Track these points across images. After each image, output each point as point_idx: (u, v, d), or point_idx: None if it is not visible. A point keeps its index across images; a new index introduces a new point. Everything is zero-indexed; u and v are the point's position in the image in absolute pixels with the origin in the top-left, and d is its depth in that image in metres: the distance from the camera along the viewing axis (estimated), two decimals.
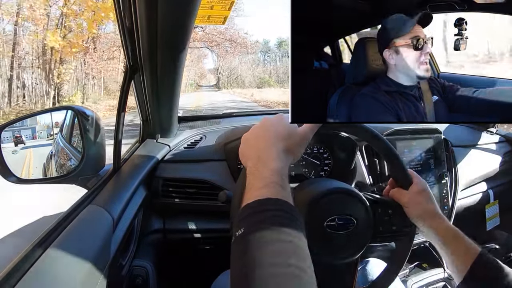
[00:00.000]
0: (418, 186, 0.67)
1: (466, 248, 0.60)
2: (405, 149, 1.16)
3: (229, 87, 30.90)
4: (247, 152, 0.55)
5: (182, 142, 1.19)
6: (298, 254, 0.38)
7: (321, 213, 0.63)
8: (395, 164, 0.69)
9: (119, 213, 0.75)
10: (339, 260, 0.65)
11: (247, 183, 0.48)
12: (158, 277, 1.00)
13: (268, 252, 0.37)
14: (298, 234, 0.40)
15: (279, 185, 0.46)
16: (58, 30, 10.60)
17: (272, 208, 0.42)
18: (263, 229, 0.39)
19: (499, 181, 1.42)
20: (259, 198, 0.43)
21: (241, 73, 32.11)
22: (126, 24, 0.79)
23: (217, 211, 1.02)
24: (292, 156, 0.54)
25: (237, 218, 0.43)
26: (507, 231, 1.56)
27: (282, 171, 0.49)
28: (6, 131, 0.79)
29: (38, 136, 0.86)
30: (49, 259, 0.54)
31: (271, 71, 32.53)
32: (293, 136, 0.54)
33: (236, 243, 0.40)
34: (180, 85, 1.00)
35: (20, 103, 10.78)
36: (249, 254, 0.37)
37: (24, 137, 0.83)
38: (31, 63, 11.33)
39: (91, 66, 12.93)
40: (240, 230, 0.40)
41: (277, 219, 0.41)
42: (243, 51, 21.87)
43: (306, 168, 1.10)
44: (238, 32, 20.55)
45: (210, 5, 0.85)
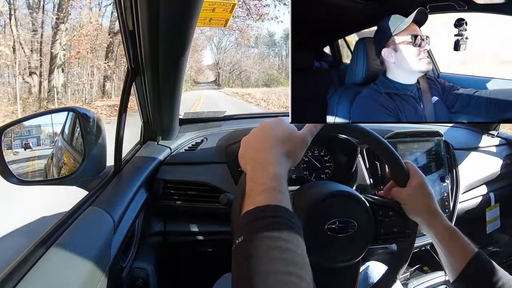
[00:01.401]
0: (416, 181, 0.67)
1: (463, 247, 0.60)
2: (406, 152, 1.16)
3: (231, 84, 27.85)
4: (247, 156, 0.55)
5: (183, 145, 1.19)
6: (296, 262, 0.38)
7: (321, 216, 0.63)
8: (390, 159, 0.68)
9: (120, 215, 0.75)
10: (340, 263, 0.65)
11: (246, 189, 0.48)
12: (159, 279, 0.99)
13: (267, 260, 0.37)
14: (297, 241, 0.41)
15: (278, 191, 0.46)
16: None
17: (271, 215, 0.42)
18: (262, 237, 0.39)
19: (500, 184, 1.42)
20: (258, 205, 0.43)
21: (245, 68, 28.91)
22: (128, 27, 0.80)
23: (218, 214, 1.02)
24: (292, 160, 0.54)
25: (237, 226, 0.43)
26: (508, 234, 1.55)
27: (281, 176, 0.49)
28: (16, 139, 0.82)
29: (42, 143, 0.87)
30: (49, 260, 0.54)
31: (279, 66, 29.57)
32: (293, 140, 0.54)
33: (236, 251, 0.40)
34: (181, 87, 1.00)
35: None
36: (249, 262, 0.37)
37: (31, 143, 0.85)
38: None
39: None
40: (240, 238, 0.40)
41: (276, 226, 0.41)
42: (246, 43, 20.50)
43: (307, 171, 1.10)
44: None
45: (211, 8, 0.85)
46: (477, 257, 0.58)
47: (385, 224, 0.68)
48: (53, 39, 11.22)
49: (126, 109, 0.88)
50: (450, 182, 1.20)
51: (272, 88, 24.10)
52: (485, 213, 1.39)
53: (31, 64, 10.97)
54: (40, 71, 11.12)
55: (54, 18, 11.03)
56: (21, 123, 0.85)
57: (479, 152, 1.39)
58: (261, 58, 30.79)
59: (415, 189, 0.66)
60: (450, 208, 1.17)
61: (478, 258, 0.58)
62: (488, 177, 1.37)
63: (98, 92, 14.20)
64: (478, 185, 1.35)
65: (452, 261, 0.61)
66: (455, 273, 0.59)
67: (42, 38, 11.32)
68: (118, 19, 0.79)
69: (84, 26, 11.82)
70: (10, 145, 0.81)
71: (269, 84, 26.39)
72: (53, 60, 11.18)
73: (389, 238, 0.69)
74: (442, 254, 0.63)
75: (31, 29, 11.10)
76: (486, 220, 1.39)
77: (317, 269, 0.66)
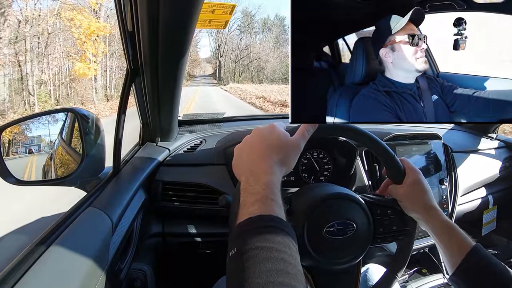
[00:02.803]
0: (412, 178, 0.67)
1: (460, 242, 0.60)
2: (405, 154, 1.16)
3: (236, 79, 19.84)
4: (240, 165, 0.55)
5: (182, 146, 1.19)
6: (289, 271, 0.38)
7: (320, 219, 0.63)
8: (385, 157, 0.68)
9: (118, 216, 0.75)
10: (340, 265, 0.65)
11: (240, 199, 0.49)
12: (157, 280, 0.99)
13: (260, 272, 0.37)
14: (290, 250, 0.41)
15: (271, 200, 0.46)
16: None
17: (264, 225, 0.43)
18: (255, 248, 0.40)
19: (499, 187, 1.42)
20: (251, 216, 0.44)
21: (258, 56, 20.99)
22: (128, 28, 0.80)
23: (216, 215, 1.02)
24: (285, 168, 0.54)
25: (230, 237, 0.44)
26: (506, 237, 1.55)
27: (274, 185, 0.49)
28: (23, 145, 0.84)
29: (42, 150, 0.89)
30: (48, 261, 0.54)
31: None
32: (286, 148, 0.54)
33: (229, 263, 0.41)
34: (180, 89, 1.00)
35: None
36: (242, 274, 0.38)
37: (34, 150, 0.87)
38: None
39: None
40: (233, 250, 0.41)
41: (269, 236, 0.41)
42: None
43: (306, 173, 1.10)
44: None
45: (211, 10, 0.85)
46: (474, 251, 0.58)
47: (384, 223, 0.68)
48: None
49: (125, 110, 0.88)
50: (449, 184, 1.20)
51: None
52: (483, 215, 1.39)
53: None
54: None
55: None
56: (20, 123, 0.85)
57: (478, 154, 1.39)
58: (278, 44, 23.09)
59: (412, 185, 0.66)
60: (449, 210, 1.17)
61: (475, 252, 0.58)
62: (487, 180, 1.37)
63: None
64: (477, 188, 1.35)
65: (450, 255, 0.61)
66: (453, 267, 0.59)
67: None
68: (117, 20, 0.79)
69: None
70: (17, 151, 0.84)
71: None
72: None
73: (389, 236, 0.69)
74: (440, 248, 0.64)
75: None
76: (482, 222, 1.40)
77: (317, 272, 0.66)
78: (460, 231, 0.62)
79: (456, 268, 0.58)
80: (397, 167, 0.68)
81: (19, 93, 11.94)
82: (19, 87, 11.99)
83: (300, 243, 0.59)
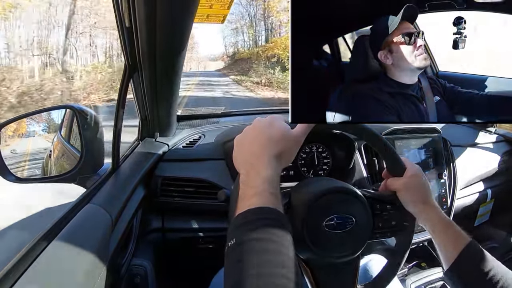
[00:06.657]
0: (412, 171, 0.67)
1: (456, 237, 0.61)
2: (404, 148, 1.16)
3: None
4: (240, 157, 0.55)
5: (181, 141, 1.19)
6: (286, 264, 0.39)
7: (319, 213, 0.63)
8: (386, 152, 0.68)
9: (118, 212, 0.75)
10: (339, 259, 0.65)
11: (240, 192, 0.49)
12: (157, 276, 1.00)
13: (258, 263, 0.38)
14: (287, 242, 0.42)
15: (270, 193, 0.47)
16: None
17: (262, 217, 0.43)
18: (253, 239, 0.40)
19: (498, 181, 1.43)
20: (249, 208, 0.44)
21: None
22: (125, 24, 0.79)
23: (216, 210, 1.02)
24: (285, 161, 0.54)
25: (229, 228, 0.44)
26: (504, 230, 1.56)
27: (273, 178, 0.49)
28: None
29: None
30: (48, 257, 0.54)
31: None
32: (286, 141, 0.54)
33: (228, 253, 0.41)
34: (179, 84, 1.00)
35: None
36: (240, 265, 0.38)
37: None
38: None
39: None
40: (232, 241, 0.41)
41: (267, 228, 0.42)
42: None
43: (305, 167, 1.11)
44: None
45: (209, 4, 0.85)
46: (469, 247, 0.58)
47: (383, 218, 0.69)
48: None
49: (123, 106, 0.87)
50: (448, 178, 1.20)
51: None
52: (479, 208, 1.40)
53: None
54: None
55: None
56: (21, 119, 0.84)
57: (476, 148, 1.39)
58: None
59: (411, 178, 0.67)
60: (448, 204, 1.18)
61: (470, 248, 0.58)
62: (486, 174, 1.37)
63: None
64: (476, 182, 1.35)
65: (445, 251, 0.61)
66: (448, 262, 0.60)
67: None
68: (115, 16, 0.79)
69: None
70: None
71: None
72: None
73: (388, 231, 0.70)
74: (437, 244, 0.64)
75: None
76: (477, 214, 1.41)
77: (316, 265, 0.66)
78: (456, 227, 0.62)
79: (452, 263, 0.59)
80: (398, 161, 0.68)
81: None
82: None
83: (299, 237, 0.59)
